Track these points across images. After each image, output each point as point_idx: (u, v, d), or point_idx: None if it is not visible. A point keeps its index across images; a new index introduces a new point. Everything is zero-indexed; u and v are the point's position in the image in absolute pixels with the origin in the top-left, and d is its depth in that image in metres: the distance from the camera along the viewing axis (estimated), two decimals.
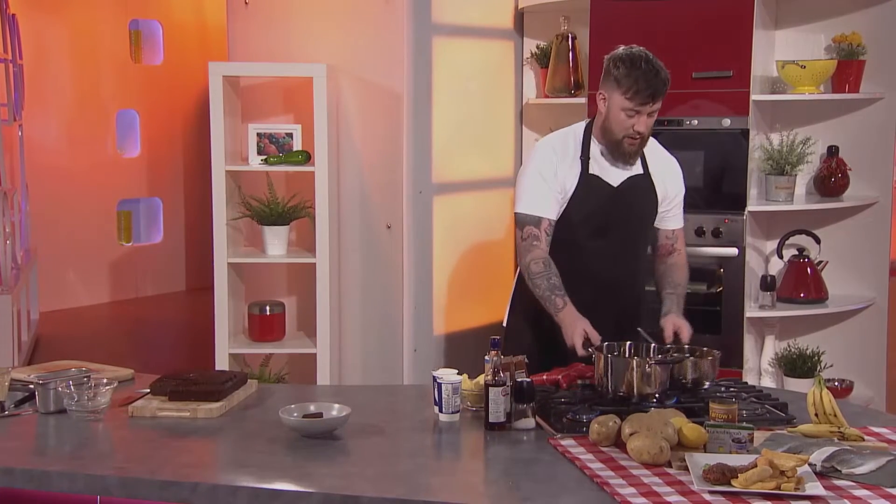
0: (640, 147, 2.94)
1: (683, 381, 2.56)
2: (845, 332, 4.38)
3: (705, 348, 2.68)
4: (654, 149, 3.07)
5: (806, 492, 1.94)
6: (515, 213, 2.98)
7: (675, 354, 2.62)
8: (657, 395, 2.46)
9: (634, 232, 3.05)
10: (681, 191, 3.11)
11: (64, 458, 2.29)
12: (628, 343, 2.67)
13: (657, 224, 3.10)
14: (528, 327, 3.05)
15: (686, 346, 2.71)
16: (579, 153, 2.97)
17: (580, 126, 3.03)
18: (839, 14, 4.30)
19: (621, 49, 2.92)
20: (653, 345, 2.65)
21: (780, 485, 1.95)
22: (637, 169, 3.00)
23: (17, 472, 2.17)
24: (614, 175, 2.98)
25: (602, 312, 2.89)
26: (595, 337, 2.74)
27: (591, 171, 2.95)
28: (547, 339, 2.94)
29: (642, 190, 3.01)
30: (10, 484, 2.17)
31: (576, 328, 2.77)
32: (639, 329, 2.74)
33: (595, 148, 2.98)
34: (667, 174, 3.07)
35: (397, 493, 2.04)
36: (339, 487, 2.05)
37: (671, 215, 3.11)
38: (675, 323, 2.87)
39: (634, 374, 2.46)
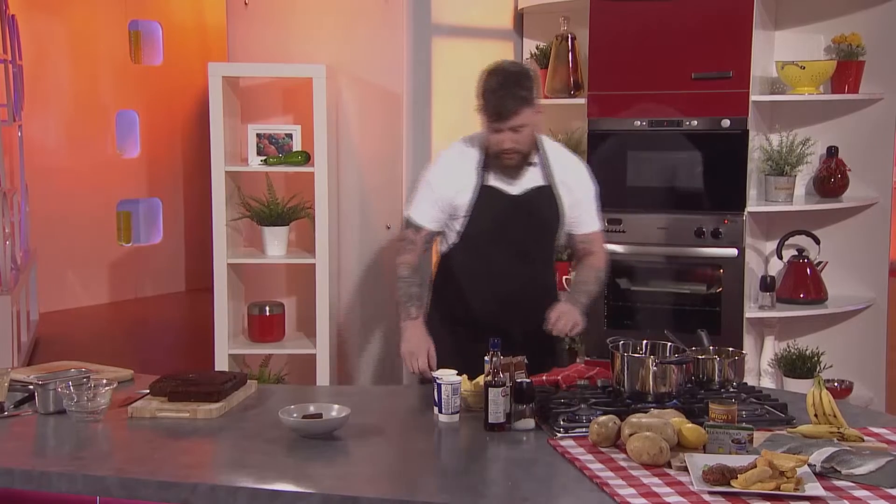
0: (521, 161, 2.96)
1: (707, 381, 2.60)
2: (845, 333, 4.38)
3: (731, 349, 2.70)
4: (557, 155, 3.07)
5: (805, 492, 1.94)
6: (404, 215, 3.11)
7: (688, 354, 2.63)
8: (673, 395, 2.47)
9: (536, 241, 3.06)
10: (589, 192, 3.11)
11: (63, 458, 2.29)
12: (644, 342, 2.67)
13: (571, 230, 3.10)
14: (446, 326, 3.08)
15: (711, 348, 2.73)
16: (477, 164, 3.00)
17: (477, 137, 3.05)
18: (839, 15, 4.30)
19: (488, 67, 2.98)
20: (670, 345, 2.65)
21: (779, 485, 1.95)
22: (537, 180, 3.01)
23: (16, 473, 2.17)
24: (514, 184, 2.99)
25: (508, 321, 2.93)
26: (432, 363, 2.85)
27: (488, 183, 2.98)
28: (462, 338, 2.98)
29: (543, 199, 3.01)
30: (9, 484, 2.17)
31: (420, 346, 2.88)
32: (665, 331, 2.74)
33: (495, 158, 3.00)
34: (573, 179, 3.07)
35: (397, 494, 2.04)
36: (339, 488, 2.05)
37: (584, 219, 3.10)
38: (559, 309, 2.91)
39: (650, 373, 2.47)
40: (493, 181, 2.99)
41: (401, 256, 3.05)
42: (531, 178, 3.01)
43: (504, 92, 2.86)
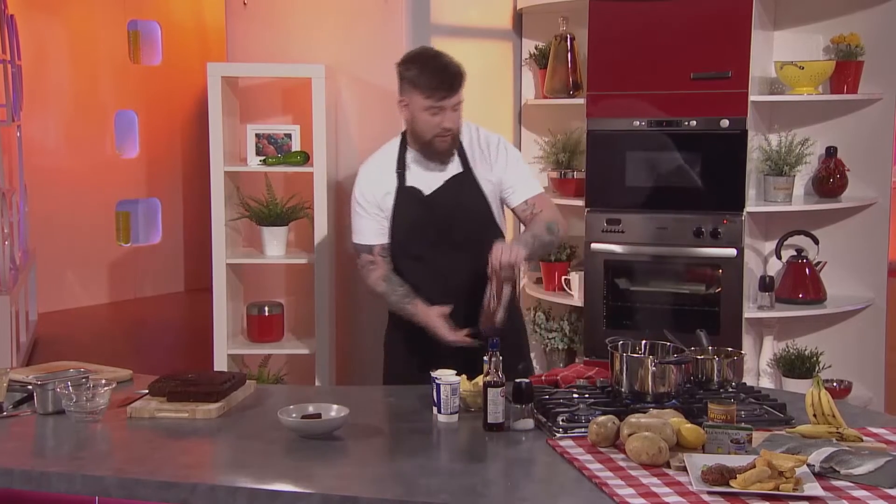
0: (453, 143, 2.95)
1: (706, 381, 2.61)
2: (844, 333, 4.39)
3: (730, 349, 2.70)
4: (470, 138, 3.03)
5: (804, 492, 1.94)
6: (351, 244, 3.12)
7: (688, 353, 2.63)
8: (672, 395, 2.47)
9: (469, 231, 3.01)
10: (511, 162, 3.04)
11: (62, 458, 2.29)
12: (643, 342, 2.67)
13: (509, 203, 3.06)
14: (404, 338, 3.08)
15: (710, 348, 2.73)
16: (395, 167, 3.00)
17: (397, 139, 3.06)
18: (838, 15, 4.31)
19: (409, 52, 2.96)
20: (669, 345, 2.65)
21: (778, 485, 1.95)
22: (456, 168, 2.99)
23: (15, 473, 2.17)
24: (431, 181, 2.98)
25: (462, 317, 2.90)
26: (445, 310, 2.84)
27: (407, 184, 2.98)
28: (423, 347, 2.96)
29: (464, 188, 2.99)
30: (8, 485, 2.17)
31: (431, 321, 2.87)
32: (664, 332, 2.74)
33: (410, 157, 2.99)
34: (494, 157, 3.02)
35: (396, 494, 2.04)
36: (338, 488, 2.05)
37: (517, 188, 3.04)
38: (500, 244, 2.80)
39: (649, 373, 2.47)
40: (411, 180, 2.99)
41: (370, 278, 3.06)
42: (449, 168, 2.99)
43: (445, 68, 2.87)
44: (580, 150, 4.44)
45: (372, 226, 3.02)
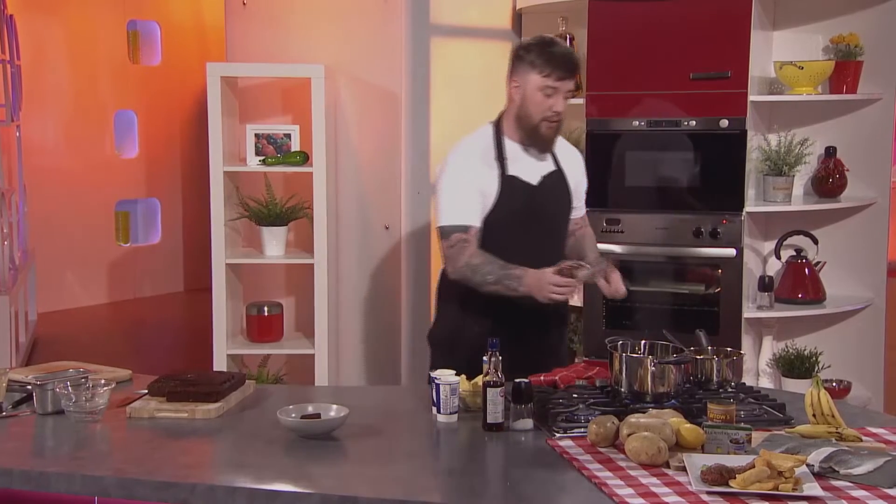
0: (556, 132, 2.97)
1: (705, 381, 2.62)
2: (843, 333, 4.39)
3: (729, 349, 2.70)
4: (560, 142, 3.10)
5: (804, 492, 1.94)
6: (439, 227, 2.92)
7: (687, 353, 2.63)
8: (672, 395, 2.47)
9: (556, 228, 3.07)
10: (584, 180, 3.18)
11: (62, 458, 2.29)
12: (643, 342, 2.67)
13: (572, 213, 3.14)
14: (455, 336, 3.02)
15: (709, 348, 2.73)
16: (494, 155, 2.96)
17: (487, 129, 3.02)
18: (837, 15, 4.31)
19: (527, 39, 2.99)
20: (669, 345, 2.65)
21: (777, 485, 1.95)
22: (550, 165, 3.03)
23: (14, 473, 2.17)
24: (532, 173, 2.98)
25: (531, 312, 2.90)
26: (558, 278, 2.76)
27: (509, 172, 2.95)
28: (476, 347, 2.87)
29: (558, 185, 3.04)
30: (7, 485, 2.17)
31: (543, 278, 2.77)
32: (664, 331, 2.74)
33: (510, 146, 2.98)
34: (575, 167, 3.11)
35: (395, 494, 2.04)
36: (337, 488, 2.05)
37: (581, 203, 3.17)
38: (604, 267, 2.90)
39: (648, 373, 2.47)
40: (513, 170, 2.96)
41: (463, 256, 2.86)
42: (547, 164, 3.02)
43: (569, 53, 2.91)
44: (580, 150, 4.42)
45: (472, 206, 2.90)
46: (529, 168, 2.98)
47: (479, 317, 2.96)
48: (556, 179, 3.03)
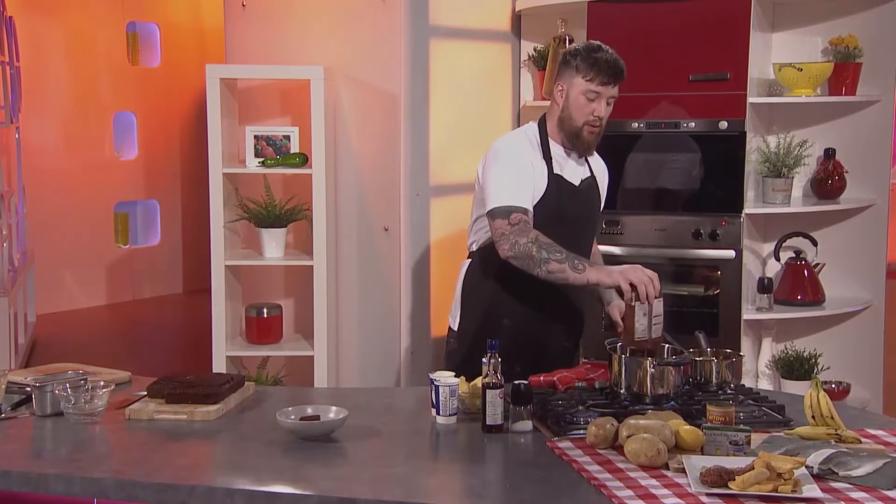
0: (597, 137, 2.97)
1: (704, 382, 2.62)
2: (842, 335, 4.39)
3: (728, 350, 2.70)
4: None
5: (803, 494, 1.94)
6: (495, 208, 2.84)
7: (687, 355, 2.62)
8: (671, 397, 2.47)
9: (589, 232, 3.11)
10: (605, 193, 3.21)
11: (61, 460, 2.29)
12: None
13: None
14: (485, 328, 2.97)
15: (709, 350, 2.72)
16: (541, 153, 2.97)
17: (532, 128, 3.02)
18: (836, 17, 4.31)
19: (575, 44, 3.02)
20: (668, 346, 2.65)
21: (777, 487, 1.95)
22: (586, 171, 3.06)
23: (13, 475, 2.17)
24: (574, 176, 3.00)
25: (563, 311, 2.95)
26: (654, 274, 2.68)
27: (556, 171, 2.96)
28: (505, 339, 2.86)
29: (593, 191, 3.08)
30: (6, 487, 2.17)
31: (635, 269, 2.67)
32: (663, 333, 2.73)
33: (554, 147, 2.98)
34: (603, 177, 3.16)
35: (394, 496, 2.04)
36: (337, 490, 2.05)
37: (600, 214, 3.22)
38: (620, 307, 2.86)
39: (648, 374, 2.47)
40: (558, 170, 2.97)
41: (528, 234, 2.77)
42: (585, 168, 3.05)
43: (616, 60, 2.92)
44: None
45: (528, 191, 2.87)
46: (571, 170, 3.00)
47: (512, 309, 2.98)
48: (591, 185, 3.06)
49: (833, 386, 4.25)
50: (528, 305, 2.97)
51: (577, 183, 3.00)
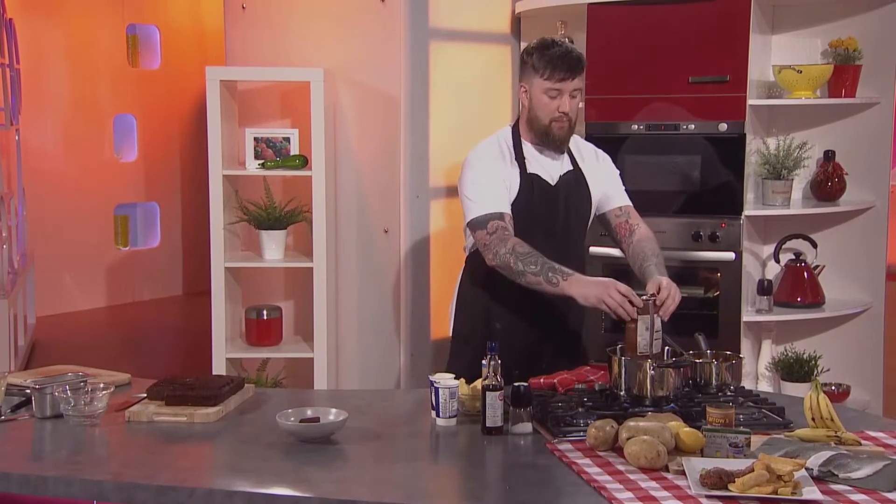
0: (569, 131, 2.96)
1: (704, 384, 2.62)
2: (842, 337, 4.39)
3: (728, 352, 2.70)
4: (578, 142, 3.12)
5: (803, 496, 1.94)
6: (471, 220, 2.89)
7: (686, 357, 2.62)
8: (671, 399, 2.47)
9: (576, 229, 3.07)
10: (615, 173, 3.14)
11: (60, 463, 2.29)
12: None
13: (602, 209, 3.10)
14: (477, 333, 2.99)
15: (708, 352, 2.71)
16: (513, 156, 2.98)
17: (505, 132, 3.04)
18: (835, 19, 4.31)
19: (531, 42, 2.99)
20: (668, 348, 2.65)
21: (776, 489, 1.95)
22: (567, 165, 3.03)
23: (13, 478, 2.17)
24: (550, 173, 3.00)
25: (554, 312, 2.92)
26: (628, 290, 2.66)
27: (529, 171, 2.97)
28: (516, 330, 2.93)
29: (576, 185, 3.03)
30: (6, 489, 2.17)
31: (607, 289, 2.66)
32: (663, 334, 2.73)
33: (527, 147, 2.99)
34: (597, 163, 3.11)
35: (394, 498, 2.04)
36: (336, 492, 2.05)
37: (613, 195, 3.11)
38: (658, 281, 2.77)
39: (647, 376, 2.47)
40: (533, 169, 2.97)
41: (507, 243, 2.80)
42: (564, 164, 3.03)
43: (569, 52, 2.90)
44: None
45: (501, 195, 2.89)
46: (547, 168, 3.00)
47: (503, 313, 2.99)
48: (574, 179, 3.03)
49: (833, 388, 4.25)
50: (519, 309, 2.96)
51: (553, 180, 2.99)
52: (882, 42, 4.22)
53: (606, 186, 3.11)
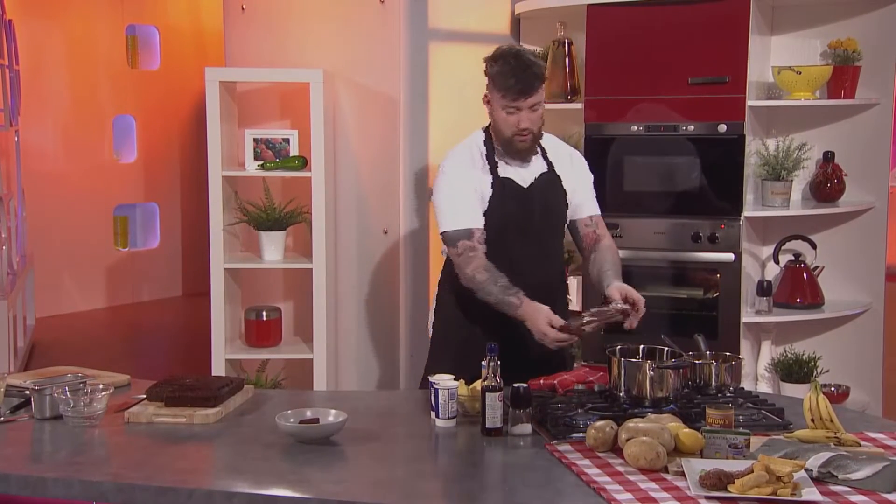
0: (532, 143, 2.95)
1: (704, 385, 2.62)
2: (841, 338, 4.39)
3: (728, 353, 2.70)
4: (554, 143, 3.09)
5: (802, 497, 1.94)
6: (442, 233, 2.94)
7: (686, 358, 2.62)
8: (670, 400, 2.47)
9: (551, 230, 3.06)
10: (586, 177, 3.11)
11: (60, 464, 2.29)
12: (641, 347, 2.66)
13: (573, 216, 3.09)
14: (454, 336, 3.03)
15: (708, 353, 2.71)
16: (486, 160, 2.98)
17: (479, 135, 3.04)
18: (835, 20, 4.32)
19: (497, 48, 2.95)
20: (667, 349, 2.65)
21: (776, 490, 1.95)
22: (542, 167, 3.02)
23: (12, 479, 2.17)
24: (524, 175, 2.99)
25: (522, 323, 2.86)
26: (558, 321, 2.72)
27: (502, 175, 2.96)
28: (474, 346, 2.87)
29: (551, 187, 3.02)
30: (5, 490, 2.17)
31: (538, 318, 2.74)
32: (663, 336, 2.74)
33: (499, 151, 2.99)
34: (571, 166, 3.08)
35: (394, 499, 2.04)
36: (336, 493, 2.05)
37: (585, 204, 3.09)
38: (619, 288, 2.82)
39: (647, 378, 2.47)
40: (506, 173, 2.97)
41: (469, 267, 2.86)
42: (538, 166, 3.02)
43: (523, 69, 2.85)
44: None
45: (472, 207, 2.92)
46: (521, 170, 2.99)
47: (471, 320, 3.00)
48: (549, 181, 3.02)
49: (832, 389, 4.25)
50: (495, 313, 2.90)
51: (527, 183, 2.98)
52: (881, 43, 4.23)
53: (580, 194, 3.08)
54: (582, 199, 3.09)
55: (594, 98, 4.28)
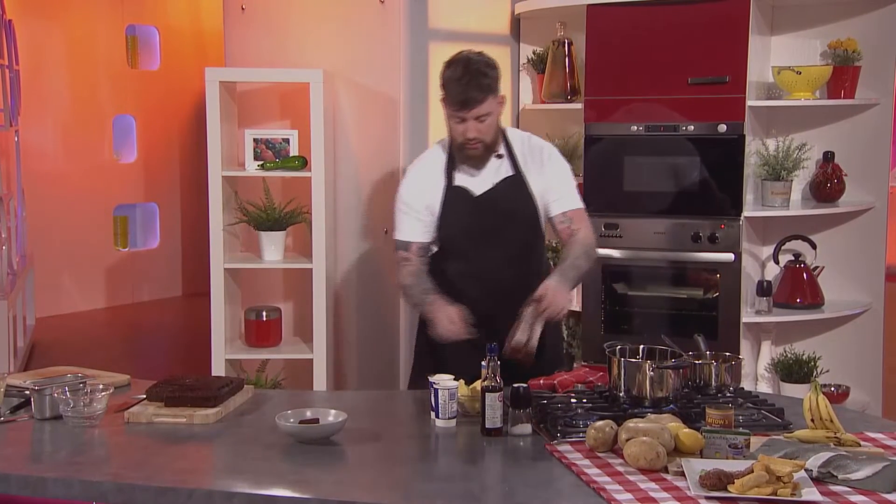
0: (485, 151, 2.96)
1: (704, 385, 2.62)
2: (841, 338, 4.39)
3: (728, 353, 2.70)
4: (523, 142, 3.06)
5: (802, 497, 1.94)
6: (394, 240, 3.11)
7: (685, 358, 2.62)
8: (670, 400, 2.47)
9: (517, 233, 3.04)
10: (560, 172, 3.06)
11: (60, 464, 2.29)
12: (641, 347, 2.66)
13: (548, 214, 3.06)
14: (434, 344, 3.02)
15: (708, 353, 2.71)
16: (443, 167, 3.02)
17: (446, 140, 3.06)
18: (835, 20, 4.32)
19: (454, 54, 2.96)
20: (667, 350, 2.65)
21: (776, 490, 1.95)
22: (506, 170, 3.01)
23: (12, 479, 2.17)
24: (481, 182, 3.00)
25: (503, 318, 2.86)
26: (459, 317, 2.80)
27: (456, 183, 3.00)
28: (456, 348, 2.89)
29: (515, 189, 3.00)
30: (5, 490, 2.17)
31: (439, 318, 2.83)
32: (663, 336, 2.74)
33: (458, 157, 3.01)
34: (542, 164, 3.04)
35: (393, 499, 2.04)
36: (336, 493, 2.05)
37: (560, 199, 3.04)
38: (545, 284, 2.81)
39: (647, 378, 2.47)
40: (460, 181, 3.00)
41: (400, 273, 3.05)
42: (499, 170, 3.01)
43: (468, 80, 2.85)
44: (578, 154, 4.44)
45: (412, 224, 3.04)
46: (480, 177, 3.00)
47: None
48: (513, 183, 3.01)
49: (832, 389, 4.25)
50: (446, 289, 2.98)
51: (480, 190, 2.99)
52: (881, 43, 4.23)
53: (553, 189, 3.04)
54: (557, 196, 3.05)
55: (594, 98, 4.28)
